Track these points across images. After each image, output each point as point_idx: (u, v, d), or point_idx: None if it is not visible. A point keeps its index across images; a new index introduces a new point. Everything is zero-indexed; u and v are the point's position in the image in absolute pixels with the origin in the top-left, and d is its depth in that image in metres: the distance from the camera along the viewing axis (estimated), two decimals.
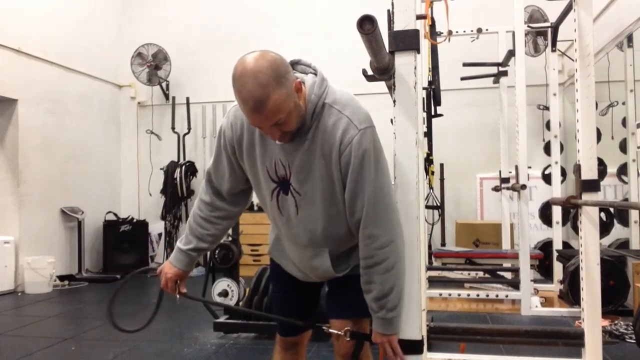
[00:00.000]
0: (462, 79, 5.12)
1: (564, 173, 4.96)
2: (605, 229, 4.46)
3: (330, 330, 1.50)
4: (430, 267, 4.58)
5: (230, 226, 1.66)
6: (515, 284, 4.10)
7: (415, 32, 1.27)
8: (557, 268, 4.31)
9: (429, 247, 5.20)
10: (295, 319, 1.62)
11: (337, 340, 1.56)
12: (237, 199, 1.60)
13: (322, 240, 1.46)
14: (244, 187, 1.58)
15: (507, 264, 4.51)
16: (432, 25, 2.96)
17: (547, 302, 4.05)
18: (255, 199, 1.62)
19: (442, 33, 3.62)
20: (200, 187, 1.63)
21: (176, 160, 6.37)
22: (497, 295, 4.11)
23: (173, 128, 6.49)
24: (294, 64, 1.42)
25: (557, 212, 4.36)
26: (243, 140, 1.46)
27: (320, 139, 1.36)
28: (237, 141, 1.47)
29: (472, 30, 4.44)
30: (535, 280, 4.19)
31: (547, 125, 4.95)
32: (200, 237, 1.58)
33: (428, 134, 3.98)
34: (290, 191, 1.43)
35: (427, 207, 4.93)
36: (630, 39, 4.35)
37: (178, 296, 1.60)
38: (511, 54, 4.25)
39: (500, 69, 4.79)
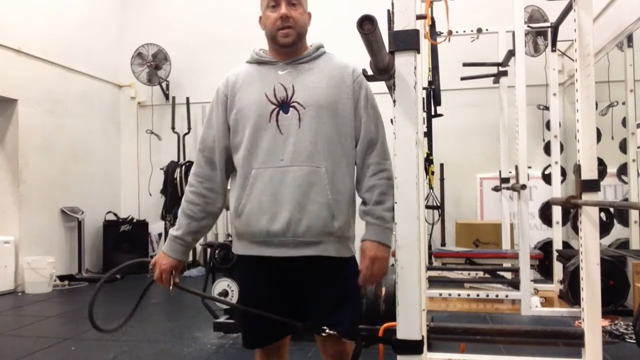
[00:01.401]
0: (462, 79, 5.12)
1: (564, 173, 4.96)
2: (605, 229, 4.46)
3: (329, 331, 1.46)
4: (430, 267, 4.58)
5: (220, 207, 1.61)
6: (515, 284, 4.10)
7: (415, 32, 1.27)
8: (557, 268, 4.31)
9: (429, 247, 5.20)
10: (270, 326, 1.53)
11: (325, 341, 1.53)
12: (227, 168, 1.60)
13: (321, 153, 1.48)
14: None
15: (507, 264, 4.51)
16: (432, 25, 2.96)
17: (547, 302, 4.05)
18: None
19: (442, 33, 3.62)
20: (193, 164, 1.64)
21: (176, 160, 6.37)
22: (497, 295, 4.11)
23: (173, 128, 6.49)
24: None
25: (557, 212, 4.36)
26: (237, 82, 1.58)
27: (329, 68, 1.57)
28: (231, 86, 1.58)
29: (472, 30, 4.43)
30: (535, 280, 4.19)
31: (547, 125, 4.95)
32: (191, 214, 1.56)
33: (428, 134, 3.98)
34: (292, 108, 1.51)
35: (427, 207, 4.93)
36: (630, 39, 4.35)
37: (171, 288, 1.54)
38: (511, 54, 4.24)
39: (500, 69, 4.79)
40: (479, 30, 4.43)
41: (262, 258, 1.52)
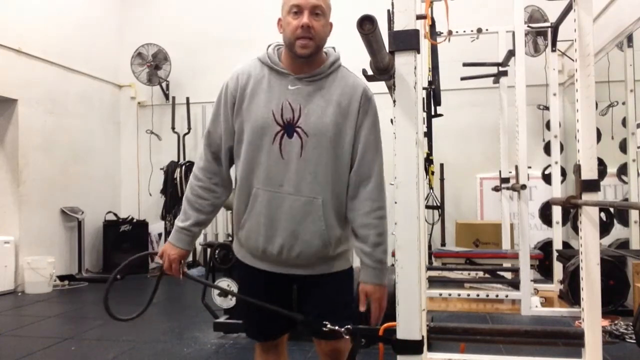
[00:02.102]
0: (462, 79, 5.11)
1: (564, 173, 4.96)
2: (605, 229, 4.46)
3: (330, 326, 1.46)
4: (430, 267, 4.58)
5: (226, 199, 1.64)
6: (515, 284, 4.10)
7: (415, 32, 1.27)
8: (557, 268, 4.31)
9: (429, 247, 5.20)
10: (271, 322, 1.60)
11: (322, 340, 1.56)
12: (231, 164, 1.62)
13: (320, 185, 1.49)
14: None
15: (507, 264, 4.51)
16: (432, 25, 2.96)
17: (547, 302, 4.05)
18: None
19: (442, 33, 3.62)
20: (197, 156, 1.63)
21: (176, 160, 6.37)
22: (497, 295, 4.11)
23: (173, 128, 6.49)
24: None
25: (557, 212, 4.36)
26: (247, 87, 1.53)
27: (339, 91, 1.52)
28: (241, 89, 1.53)
29: (472, 30, 4.43)
30: (535, 280, 4.19)
31: (547, 125, 4.95)
32: (200, 208, 1.59)
33: (428, 134, 3.98)
34: (296, 133, 1.48)
35: (427, 207, 4.93)
36: (630, 39, 4.35)
37: (181, 277, 1.60)
38: (511, 54, 4.25)
39: (500, 69, 4.79)
40: (479, 30, 4.43)
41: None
